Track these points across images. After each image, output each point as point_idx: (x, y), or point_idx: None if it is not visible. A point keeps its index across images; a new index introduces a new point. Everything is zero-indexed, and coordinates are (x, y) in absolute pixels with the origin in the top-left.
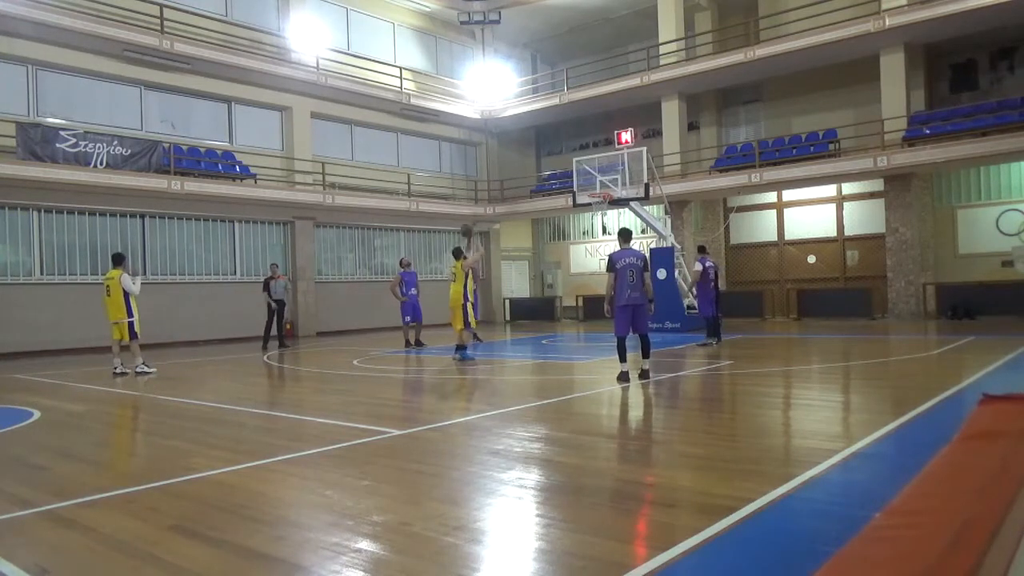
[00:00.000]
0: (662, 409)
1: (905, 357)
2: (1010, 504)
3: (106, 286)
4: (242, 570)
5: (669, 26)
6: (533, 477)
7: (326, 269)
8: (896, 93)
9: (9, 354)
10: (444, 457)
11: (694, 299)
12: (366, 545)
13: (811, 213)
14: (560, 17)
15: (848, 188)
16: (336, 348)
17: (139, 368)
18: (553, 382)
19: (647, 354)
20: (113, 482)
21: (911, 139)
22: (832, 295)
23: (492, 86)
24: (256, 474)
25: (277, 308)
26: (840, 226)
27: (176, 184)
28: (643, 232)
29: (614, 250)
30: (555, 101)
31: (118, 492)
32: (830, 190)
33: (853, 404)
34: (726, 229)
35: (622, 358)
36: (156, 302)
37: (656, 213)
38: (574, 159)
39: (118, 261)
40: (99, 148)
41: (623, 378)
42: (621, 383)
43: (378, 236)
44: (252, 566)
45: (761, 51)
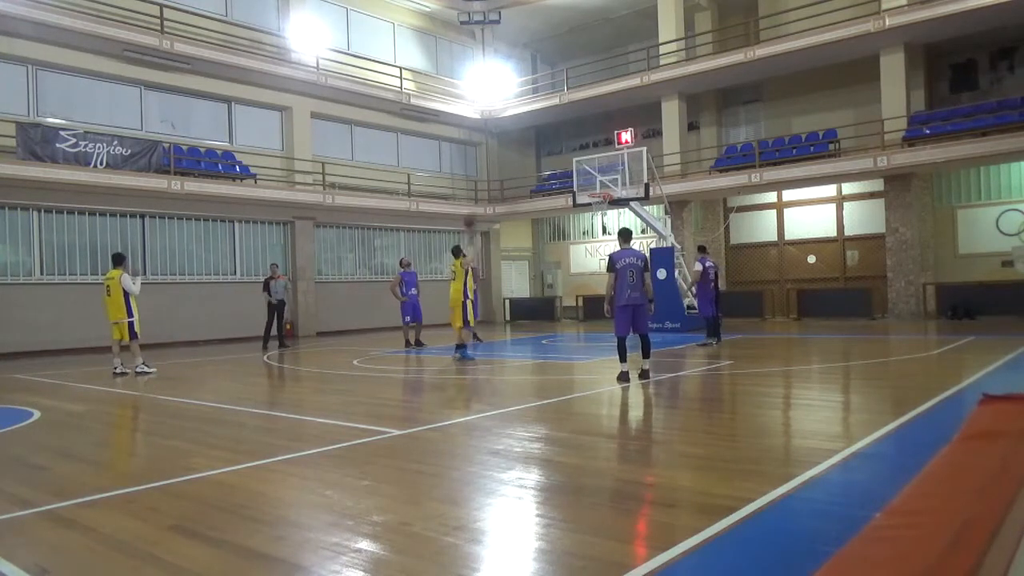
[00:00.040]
0: (662, 409)
1: (905, 357)
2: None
3: (106, 286)
4: (242, 570)
5: (669, 26)
6: (533, 477)
7: (326, 269)
8: (896, 93)
9: (9, 354)
10: (444, 457)
11: (694, 299)
12: (366, 545)
13: (811, 213)
14: (560, 17)
15: (848, 188)
16: (336, 348)
17: (139, 368)
18: (553, 382)
19: (647, 354)
20: (113, 482)
21: (911, 139)
22: (832, 295)
23: (492, 86)
24: (256, 474)
25: (277, 308)
26: (840, 226)
27: (176, 184)
28: (643, 232)
29: (614, 250)
30: (555, 101)
31: (118, 492)
32: (830, 190)
33: (853, 404)
34: (726, 229)
35: (622, 358)
36: (156, 302)
37: (656, 213)
38: (574, 159)
39: (118, 261)
40: (99, 148)
41: (623, 378)
42: (621, 383)
43: (378, 236)
44: (252, 566)
45: (761, 51)
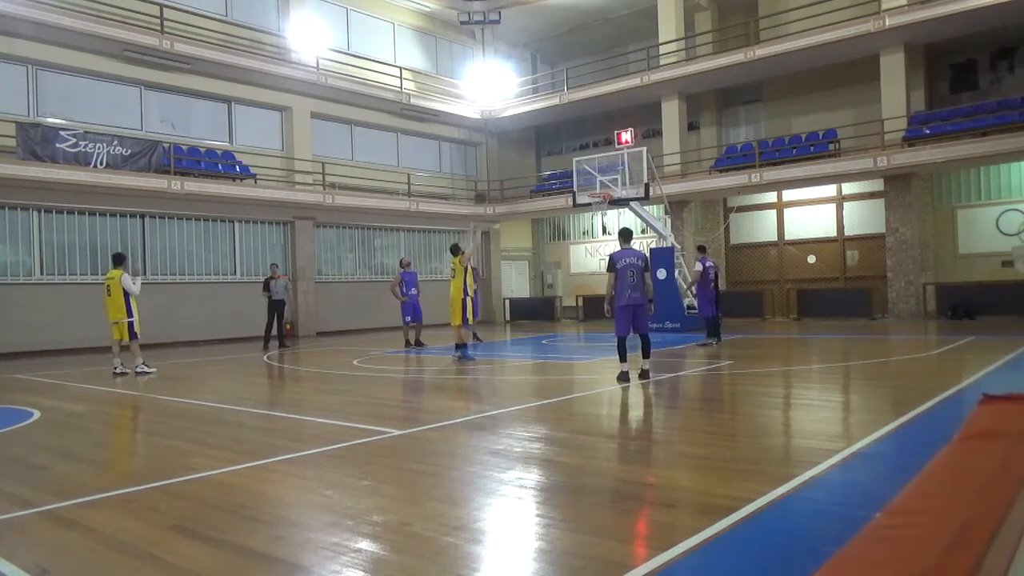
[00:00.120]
0: (662, 409)
1: (905, 357)
2: (1010, 504)
3: (106, 286)
4: (242, 570)
5: (669, 26)
6: (533, 477)
7: (326, 269)
8: (896, 93)
9: (9, 354)
10: (444, 457)
11: (694, 299)
12: (366, 545)
13: (811, 213)
14: (560, 17)
15: (848, 188)
16: (336, 348)
17: (139, 368)
18: (553, 382)
19: (647, 354)
20: (113, 482)
21: (911, 139)
22: (832, 295)
23: (492, 86)
24: (256, 474)
25: (277, 308)
26: (840, 226)
27: (176, 184)
28: (643, 232)
29: (615, 250)
30: (555, 101)
31: (118, 492)
32: (830, 190)
33: (853, 404)
34: (726, 229)
35: (622, 358)
36: (156, 302)
37: (656, 213)
38: (574, 159)
39: (118, 261)
40: (99, 148)
41: (623, 378)
42: (621, 383)
43: (378, 236)
44: (252, 566)
45: (761, 51)
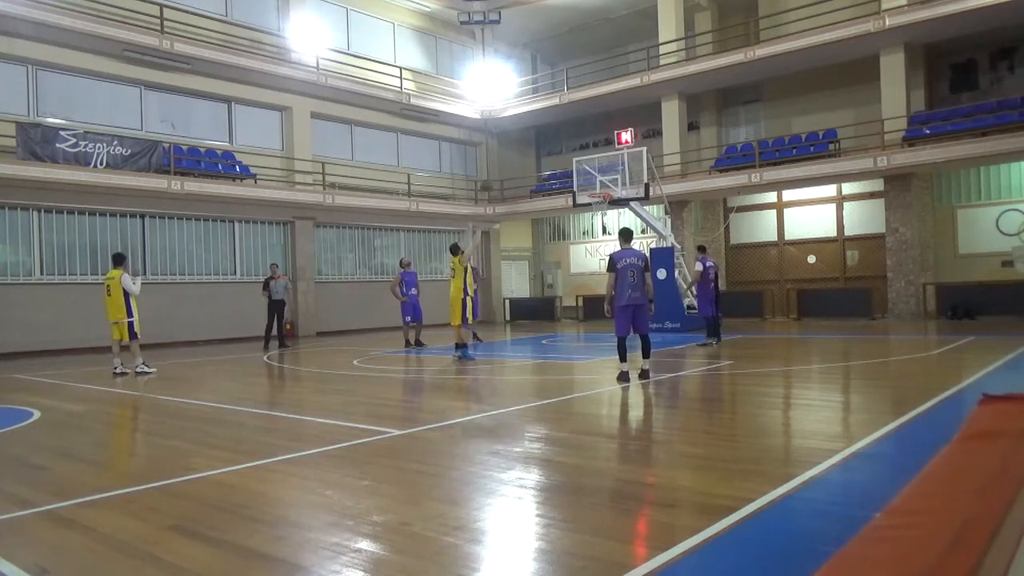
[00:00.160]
0: (662, 409)
1: (905, 357)
2: (1010, 504)
3: (106, 286)
4: (242, 570)
5: (669, 26)
6: (533, 477)
7: (326, 269)
8: (896, 93)
9: (9, 354)
10: (444, 457)
11: (694, 299)
12: (366, 545)
13: (811, 213)
14: (560, 17)
15: (848, 188)
16: (336, 348)
17: (139, 368)
18: (553, 382)
19: (647, 354)
20: (113, 482)
21: (911, 139)
22: (832, 295)
23: (492, 86)
24: (256, 474)
25: (277, 308)
26: (840, 226)
27: (176, 184)
28: (643, 232)
29: (615, 250)
30: (555, 101)
31: (118, 492)
32: (830, 190)
33: (853, 404)
34: (726, 229)
35: (622, 358)
36: (156, 302)
37: (656, 213)
38: (574, 159)
39: (119, 261)
40: (99, 148)
41: (623, 378)
42: (621, 383)
43: (378, 236)
44: (252, 566)
45: (761, 51)
